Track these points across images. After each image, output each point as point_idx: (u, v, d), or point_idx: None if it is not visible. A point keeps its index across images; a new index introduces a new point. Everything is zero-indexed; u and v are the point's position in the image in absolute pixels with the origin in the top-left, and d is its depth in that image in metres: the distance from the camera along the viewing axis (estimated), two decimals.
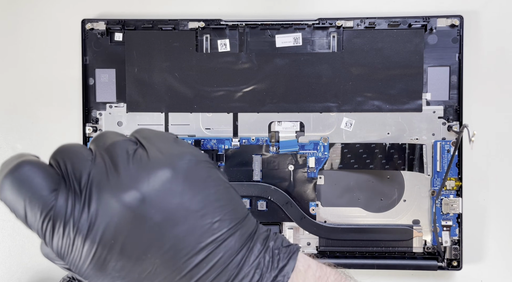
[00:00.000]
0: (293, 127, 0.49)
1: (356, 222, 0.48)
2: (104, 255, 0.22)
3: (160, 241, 0.22)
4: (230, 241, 0.23)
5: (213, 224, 0.23)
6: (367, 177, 0.49)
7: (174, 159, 0.24)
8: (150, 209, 0.22)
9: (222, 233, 0.23)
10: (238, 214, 0.24)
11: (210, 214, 0.23)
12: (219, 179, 0.25)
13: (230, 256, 0.23)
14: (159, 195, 0.22)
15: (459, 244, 0.48)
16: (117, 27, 0.49)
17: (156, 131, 0.26)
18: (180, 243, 0.22)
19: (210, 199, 0.23)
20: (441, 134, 0.48)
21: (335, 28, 0.48)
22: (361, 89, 0.48)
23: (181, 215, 0.22)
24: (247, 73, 0.48)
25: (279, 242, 0.25)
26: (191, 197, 0.23)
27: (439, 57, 0.48)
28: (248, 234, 0.24)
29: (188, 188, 0.23)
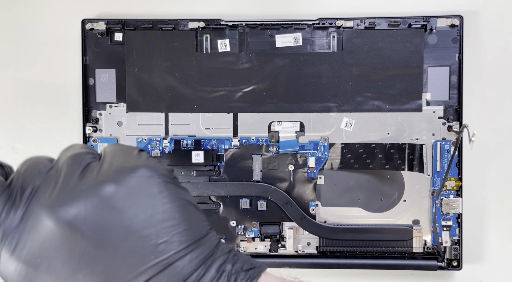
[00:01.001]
0: (293, 127, 0.49)
1: (356, 222, 0.48)
2: (30, 273, 0.20)
3: (92, 263, 0.20)
4: (177, 266, 0.21)
5: (158, 246, 0.21)
6: (367, 177, 0.49)
7: (122, 173, 0.22)
8: (84, 227, 0.20)
9: (167, 257, 0.21)
10: (192, 235, 0.22)
11: (153, 235, 0.21)
12: (173, 196, 0.22)
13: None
14: (96, 212, 0.21)
15: (459, 244, 0.48)
16: (117, 27, 0.49)
17: (122, 146, 0.24)
18: (115, 266, 0.20)
19: (156, 218, 0.21)
20: (441, 134, 0.48)
21: (335, 28, 0.48)
22: (361, 89, 0.48)
23: (119, 235, 0.21)
24: (247, 73, 0.48)
25: (238, 266, 0.23)
26: (133, 215, 0.21)
27: (439, 57, 0.48)
28: (202, 258, 0.22)
29: (131, 205, 0.21)
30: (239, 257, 0.24)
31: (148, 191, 0.22)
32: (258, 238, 0.49)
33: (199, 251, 0.22)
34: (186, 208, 0.23)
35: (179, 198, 0.23)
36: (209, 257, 0.22)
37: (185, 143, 0.49)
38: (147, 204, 0.21)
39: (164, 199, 0.22)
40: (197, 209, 0.24)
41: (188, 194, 0.24)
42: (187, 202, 0.23)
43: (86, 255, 0.20)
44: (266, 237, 0.49)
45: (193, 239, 0.22)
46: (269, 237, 0.49)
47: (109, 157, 0.23)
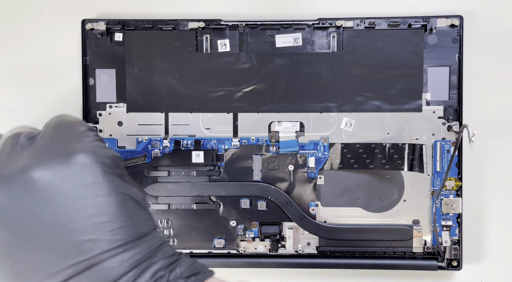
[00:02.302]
0: (293, 127, 0.49)
1: (356, 222, 0.48)
2: None
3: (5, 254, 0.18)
4: (103, 268, 0.18)
5: (83, 243, 0.18)
6: (367, 177, 0.49)
7: (53, 158, 0.19)
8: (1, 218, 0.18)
9: (92, 256, 0.18)
10: (127, 234, 0.19)
11: (80, 230, 0.18)
12: (111, 188, 0.20)
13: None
14: (16, 199, 0.18)
15: (459, 244, 0.48)
16: (117, 27, 0.49)
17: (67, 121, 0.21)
18: (30, 261, 0.18)
19: (85, 212, 0.19)
20: (441, 134, 0.48)
21: (335, 28, 0.48)
22: (361, 89, 0.48)
23: (38, 227, 0.18)
24: (247, 73, 0.48)
25: (179, 271, 0.20)
26: (58, 207, 0.18)
27: (439, 57, 0.48)
28: (136, 260, 0.19)
29: (57, 195, 0.18)
30: (181, 262, 0.21)
31: (81, 180, 0.19)
32: (258, 238, 0.49)
33: (133, 253, 0.19)
34: (125, 203, 0.20)
35: (117, 191, 0.20)
36: (144, 260, 0.20)
37: (185, 143, 0.49)
38: (77, 195, 0.19)
39: (99, 191, 0.19)
40: (140, 206, 0.21)
41: (133, 188, 0.21)
42: (127, 197, 0.20)
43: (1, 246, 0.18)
44: (266, 237, 0.49)
45: (127, 239, 0.19)
46: (269, 237, 0.49)
47: (48, 134, 0.20)
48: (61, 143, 0.20)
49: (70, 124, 0.21)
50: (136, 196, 0.21)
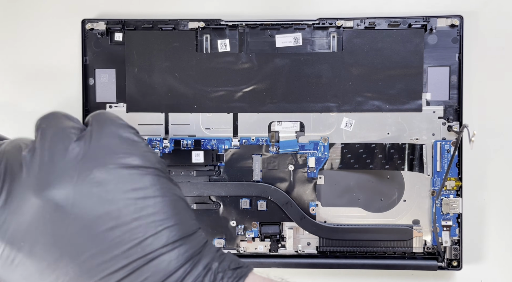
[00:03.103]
0: (293, 127, 0.49)
1: (356, 222, 0.48)
2: (12, 256, 0.20)
3: (77, 249, 0.20)
4: (163, 260, 0.20)
5: (145, 239, 0.20)
6: (367, 177, 0.49)
7: (113, 161, 0.21)
8: (71, 212, 0.20)
9: (153, 250, 0.20)
10: (181, 231, 0.22)
11: (142, 227, 0.20)
12: (165, 190, 0.22)
13: (160, 277, 0.20)
14: (85, 198, 0.20)
15: (459, 244, 0.48)
16: (117, 27, 0.49)
17: (113, 121, 0.23)
18: (100, 255, 0.20)
19: (146, 211, 0.21)
20: (441, 134, 0.48)
21: (335, 28, 0.48)
22: (361, 89, 0.48)
23: (106, 225, 0.20)
24: (247, 73, 0.48)
25: (225, 264, 0.22)
26: (122, 207, 0.20)
27: (439, 57, 0.48)
28: (189, 254, 0.21)
29: (121, 196, 0.20)
30: (226, 256, 0.23)
31: (140, 183, 0.21)
32: (258, 238, 0.49)
33: (187, 248, 0.21)
34: (177, 203, 0.22)
35: (171, 193, 0.22)
36: (196, 254, 0.22)
37: (185, 143, 0.49)
38: (138, 196, 0.21)
39: (156, 192, 0.21)
40: (188, 206, 0.23)
41: (180, 190, 0.23)
42: (178, 198, 0.22)
43: (71, 241, 0.20)
44: (266, 237, 0.49)
45: (181, 235, 0.21)
46: (269, 237, 0.49)
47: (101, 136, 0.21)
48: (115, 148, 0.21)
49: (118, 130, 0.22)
50: (183, 197, 0.23)
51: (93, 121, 0.23)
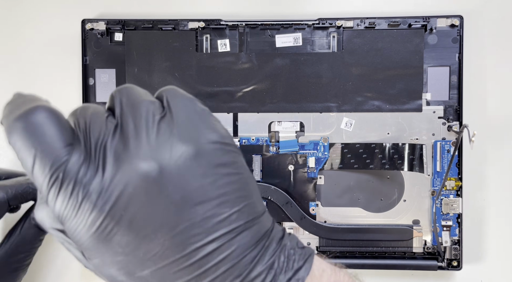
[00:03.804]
0: (293, 127, 0.49)
1: (356, 222, 0.48)
2: (110, 226, 0.20)
3: (173, 221, 0.20)
4: (246, 236, 0.21)
5: (231, 214, 0.21)
6: (367, 177, 0.49)
7: (201, 137, 0.21)
8: (168, 185, 0.20)
9: (238, 225, 0.21)
10: (257, 208, 0.22)
11: (229, 203, 0.21)
12: (243, 167, 0.23)
13: (244, 251, 0.21)
14: (180, 172, 0.20)
15: (459, 244, 0.48)
16: (117, 27, 0.49)
17: (187, 98, 0.24)
18: (193, 228, 0.20)
19: (231, 187, 0.21)
20: (441, 134, 0.48)
21: (335, 28, 0.48)
22: (361, 89, 0.48)
23: (199, 198, 0.20)
24: (247, 73, 0.48)
25: (294, 243, 0.23)
26: (212, 182, 0.21)
27: (439, 57, 0.48)
28: (264, 231, 0.22)
29: (210, 172, 0.21)
30: (293, 236, 0.24)
31: (223, 160, 0.22)
32: None
33: (262, 225, 0.22)
34: (252, 182, 0.23)
35: (247, 170, 0.23)
36: (270, 231, 0.23)
37: None
38: (224, 172, 0.21)
39: (237, 169, 0.22)
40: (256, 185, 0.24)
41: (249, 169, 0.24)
42: (252, 177, 0.23)
43: (167, 214, 0.20)
44: None
45: (257, 213, 0.22)
46: None
47: (182, 112, 0.22)
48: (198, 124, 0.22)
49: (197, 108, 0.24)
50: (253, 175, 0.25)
51: (168, 97, 0.23)
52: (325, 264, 0.24)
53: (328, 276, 0.24)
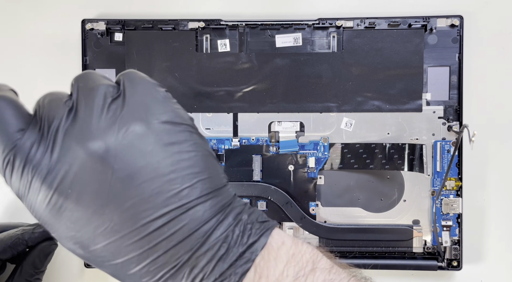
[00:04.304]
0: (293, 127, 0.49)
1: (356, 222, 0.48)
2: (60, 202, 0.21)
3: (120, 197, 0.21)
4: (199, 210, 0.22)
5: (182, 190, 0.22)
6: (367, 177, 0.49)
7: (150, 117, 0.22)
8: (114, 163, 0.21)
9: (190, 201, 0.22)
10: (213, 183, 0.23)
11: (179, 179, 0.22)
12: (197, 145, 0.23)
13: (196, 225, 0.22)
14: (126, 151, 0.21)
15: (459, 244, 0.48)
16: (117, 27, 0.49)
17: (145, 80, 0.25)
18: (142, 203, 0.21)
19: (182, 164, 0.22)
20: (441, 134, 0.48)
21: (335, 28, 0.48)
22: (361, 89, 0.48)
23: (147, 175, 0.21)
24: (247, 73, 0.48)
25: (254, 217, 0.24)
26: (160, 159, 0.22)
27: (439, 57, 0.48)
28: (221, 205, 0.23)
29: (159, 149, 0.22)
30: (255, 210, 0.25)
31: (175, 137, 0.23)
32: None
33: (219, 199, 0.23)
34: (208, 158, 0.23)
35: (203, 148, 0.23)
36: (227, 206, 0.23)
37: None
38: (175, 150, 0.22)
39: (190, 147, 0.23)
40: (217, 161, 0.25)
41: (209, 146, 0.25)
42: (209, 153, 0.24)
43: (115, 191, 0.21)
44: None
45: (213, 188, 0.23)
46: None
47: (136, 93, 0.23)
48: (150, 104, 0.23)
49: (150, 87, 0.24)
50: (212, 152, 0.25)
51: (125, 80, 0.24)
52: (286, 238, 0.24)
53: (287, 248, 0.24)
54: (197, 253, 0.22)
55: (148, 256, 0.21)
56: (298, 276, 0.23)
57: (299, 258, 0.23)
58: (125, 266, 0.22)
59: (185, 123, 0.24)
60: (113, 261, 0.22)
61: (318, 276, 0.23)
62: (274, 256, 0.23)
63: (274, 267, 0.23)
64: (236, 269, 0.22)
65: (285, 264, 0.23)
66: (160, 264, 0.22)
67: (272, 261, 0.23)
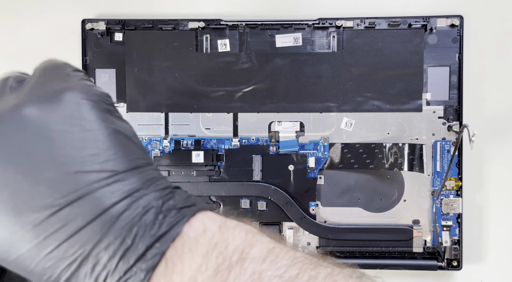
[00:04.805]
0: (293, 127, 0.49)
1: (356, 222, 0.48)
2: None
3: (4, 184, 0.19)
4: (95, 197, 0.19)
5: (75, 174, 0.19)
6: (367, 177, 0.49)
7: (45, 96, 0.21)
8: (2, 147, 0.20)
9: (82, 186, 0.19)
10: (117, 166, 0.20)
11: (72, 162, 0.19)
12: (100, 123, 0.21)
13: (93, 214, 0.19)
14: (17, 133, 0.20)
15: (459, 244, 0.48)
16: (117, 27, 0.49)
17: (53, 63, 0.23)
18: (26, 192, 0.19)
19: (74, 145, 0.20)
20: (441, 134, 0.48)
21: (335, 28, 0.48)
22: (361, 89, 0.48)
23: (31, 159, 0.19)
24: (247, 73, 0.48)
25: (171, 203, 0.21)
26: (47, 142, 0.20)
27: (439, 57, 0.48)
28: (127, 190, 0.20)
29: (46, 131, 0.20)
30: (175, 195, 0.21)
31: (68, 116, 0.20)
32: None
33: (124, 183, 0.20)
34: (113, 136, 0.21)
35: (105, 126, 0.21)
36: (136, 191, 0.20)
37: (185, 143, 0.49)
38: (66, 130, 0.20)
39: (85, 125, 0.20)
40: (130, 140, 0.22)
41: (123, 124, 0.22)
42: (117, 131, 0.21)
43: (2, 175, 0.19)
44: None
45: (117, 170, 0.20)
46: None
47: (36, 75, 0.22)
48: (49, 82, 0.21)
49: (57, 66, 0.23)
50: (126, 131, 0.22)
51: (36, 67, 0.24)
52: (211, 224, 0.21)
53: (210, 237, 0.20)
54: (98, 248, 0.19)
55: (39, 251, 0.19)
56: (220, 269, 0.20)
57: (223, 247, 0.20)
58: (21, 262, 0.19)
59: (86, 98, 0.21)
60: (8, 258, 0.19)
61: (247, 267, 0.20)
62: (190, 248, 0.20)
63: (189, 260, 0.20)
64: (142, 264, 0.19)
65: (205, 255, 0.20)
66: (56, 260, 0.19)
67: (187, 254, 0.20)
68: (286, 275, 0.20)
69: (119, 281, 0.19)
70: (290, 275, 0.20)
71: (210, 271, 0.20)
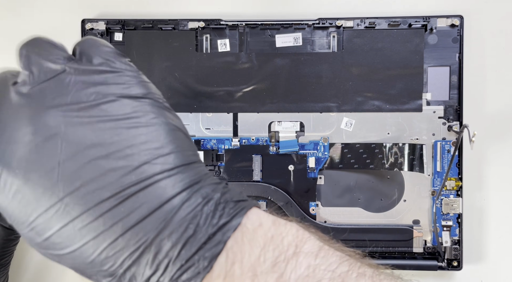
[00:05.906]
0: (293, 127, 0.49)
1: (356, 222, 0.48)
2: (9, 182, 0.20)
3: (70, 177, 0.20)
4: (158, 188, 0.20)
5: (139, 166, 0.20)
6: (367, 177, 0.49)
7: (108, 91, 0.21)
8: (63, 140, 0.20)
9: (147, 177, 0.20)
10: (177, 159, 0.21)
11: (136, 155, 0.20)
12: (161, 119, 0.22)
13: (157, 203, 0.20)
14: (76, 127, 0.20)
15: (459, 244, 0.48)
16: (117, 27, 0.49)
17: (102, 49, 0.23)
18: (93, 183, 0.20)
19: (139, 139, 0.21)
20: (441, 134, 0.48)
21: (335, 28, 0.48)
22: (361, 89, 0.48)
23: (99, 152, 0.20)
24: (247, 73, 0.48)
25: (228, 196, 0.22)
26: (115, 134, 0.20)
27: (439, 57, 0.48)
28: (187, 182, 0.21)
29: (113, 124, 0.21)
30: (230, 189, 0.22)
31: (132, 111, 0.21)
32: None
33: (184, 176, 0.21)
34: (173, 133, 0.22)
35: (166, 122, 0.22)
36: (196, 183, 0.21)
37: None
38: (131, 125, 0.21)
39: (149, 121, 0.21)
40: (187, 137, 0.23)
41: (179, 121, 0.23)
42: (175, 127, 0.22)
43: (65, 169, 0.20)
44: None
45: (178, 164, 0.21)
46: None
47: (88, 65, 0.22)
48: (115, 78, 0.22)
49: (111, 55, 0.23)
50: (182, 128, 0.23)
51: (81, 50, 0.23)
52: (266, 218, 0.22)
53: (266, 230, 0.21)
54: (160, 236, 0.20)
55: (104, 240, 0.20)
56: (277, 261, 0.20)
57: (279, 240, 0.21)
58: (83, 252, 0.20)
59: (145, 96, 0.22)
60: (69, 247, 0.20)
61: (302, 261, 0.21)
62: (249, 239, 0.21)
63: (249, 251, 0.20)
64: (205, 252, 0.20)
65: (262, 247, 0.21)
66: (119, 249, 0.20)
67: (247, 245, 0.20)
68: (338, 271, 0.22)
69: (181, 269, 0.20)
70: (341, 271, 0.22)
71: (268, 263, 0.20)
